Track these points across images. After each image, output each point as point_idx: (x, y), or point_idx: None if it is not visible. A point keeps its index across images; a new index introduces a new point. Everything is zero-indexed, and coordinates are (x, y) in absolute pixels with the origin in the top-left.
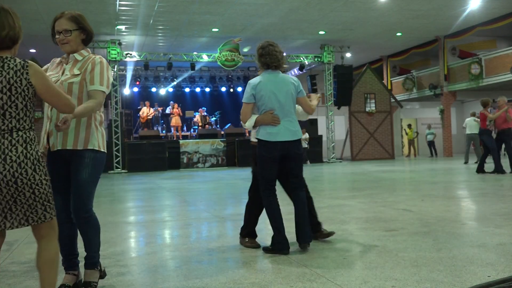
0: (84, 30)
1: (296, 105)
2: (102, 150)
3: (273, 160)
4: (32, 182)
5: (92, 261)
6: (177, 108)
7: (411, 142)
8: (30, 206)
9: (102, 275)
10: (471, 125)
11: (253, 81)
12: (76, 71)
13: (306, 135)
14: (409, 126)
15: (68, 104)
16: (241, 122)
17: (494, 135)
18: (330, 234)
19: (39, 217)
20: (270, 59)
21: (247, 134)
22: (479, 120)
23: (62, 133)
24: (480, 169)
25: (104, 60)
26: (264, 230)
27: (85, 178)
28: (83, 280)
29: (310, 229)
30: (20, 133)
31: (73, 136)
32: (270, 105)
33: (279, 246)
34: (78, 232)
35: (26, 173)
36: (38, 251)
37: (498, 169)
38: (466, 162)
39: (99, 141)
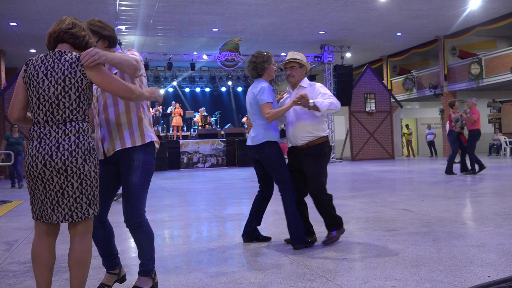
0: (104, 37)
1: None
2: (157, 146)
3: (253, 161)
4: (81, 172)
5: (145, 269)
6: (179, 108)
7: (408, 142)
8: (76, 200)
9: (154, 286)
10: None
11: None
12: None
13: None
14: (407, 126)
15: (127, 89)
16: None
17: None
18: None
19: (83, 212)
20: (248, 70)
21: (247, 134)
22: None
23: (117, 135)
24: (451, 171)
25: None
26: (264, 229)
27: (135, 182)
28: (133, 285)
29: (300, 230)
30: (73, 123)
31: (129, 135)
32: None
33: None
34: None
35: (76, 161)
36: (70, 248)
37: (447, 170)
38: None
39: (154, 137)
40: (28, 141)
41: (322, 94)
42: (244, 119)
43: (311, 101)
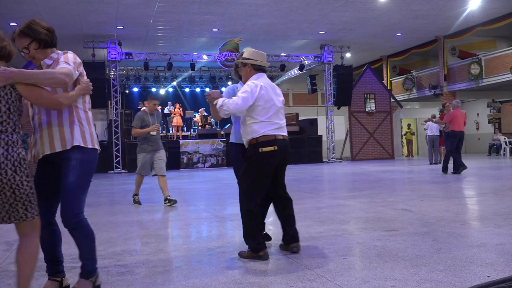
0: (39, 40)
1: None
2: (90, 147)
3: None
4: (12, 182)
5: (85, 270)
6: (179, 108)
7: (409, 142)
8: (11, 206)
9: None
10: (432, 126)
11: None
12: None
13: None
14: (408, 126)
15: (55, 102)
16: None
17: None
18: None
19: (20, 216)
20: None
21: None
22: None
23: (48, 138)
24: (445, 170)
25: (70, 53)
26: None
27: (72, 182)
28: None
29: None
30: (2, 136)
31: (59, 138)
32: None
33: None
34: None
35: (6, 173)
36: (17, 247)
37: (447, 168)
38: (432, 163)
39: (85, 138)
40: None
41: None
42: None
43: (215, 101)
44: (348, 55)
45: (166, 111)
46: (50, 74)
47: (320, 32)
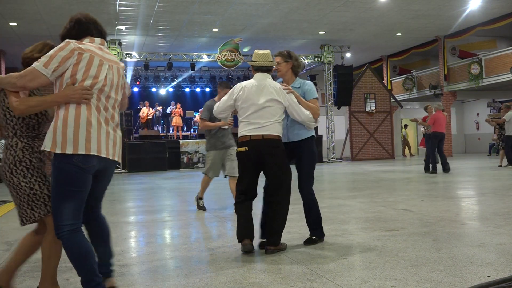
0: (61, 37)
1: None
2: (58, 152)
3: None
4: (12, 183)
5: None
6: (180, 108)
7: (407, 142)
8: (19, 206)
9: None
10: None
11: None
12: None
13: None
14: (405, 126)
15: (12, 105)
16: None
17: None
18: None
19: (29, 216)
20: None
21: None
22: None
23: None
24: (445, 168)
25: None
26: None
27: (51, 191)
28: None
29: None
30: (3, 141)
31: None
32: None
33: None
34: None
35: (5, 175)
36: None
37: (426, 168)
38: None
39: (56, 142)
40: None
41: None
42: None
43: None
44: (348, 55)
45: (168, 110)
46: (7, 77)
47: (320, 32)
